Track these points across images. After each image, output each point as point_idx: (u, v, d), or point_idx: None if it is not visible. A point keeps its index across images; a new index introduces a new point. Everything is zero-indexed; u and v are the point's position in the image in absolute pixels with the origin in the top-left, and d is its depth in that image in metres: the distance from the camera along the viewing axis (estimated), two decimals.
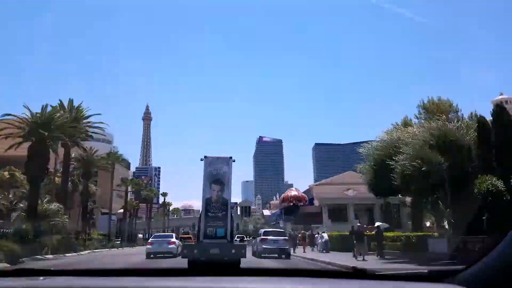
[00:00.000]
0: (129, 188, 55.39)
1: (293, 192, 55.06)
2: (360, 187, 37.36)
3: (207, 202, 12.87)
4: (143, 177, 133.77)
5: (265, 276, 1.07)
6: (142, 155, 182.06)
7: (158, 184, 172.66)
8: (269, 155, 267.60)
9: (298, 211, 50.03)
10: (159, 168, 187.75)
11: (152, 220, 76.61)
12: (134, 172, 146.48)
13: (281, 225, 47.51)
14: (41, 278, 1.08)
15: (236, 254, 11.70)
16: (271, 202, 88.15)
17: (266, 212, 79.15)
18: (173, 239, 20.60)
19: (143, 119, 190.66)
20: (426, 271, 0.96)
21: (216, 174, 13.10)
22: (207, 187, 13.04)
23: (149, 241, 22.00)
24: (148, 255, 18.86)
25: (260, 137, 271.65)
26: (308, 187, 57.23)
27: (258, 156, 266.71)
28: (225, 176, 13.07)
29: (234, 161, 13.63)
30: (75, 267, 7.97)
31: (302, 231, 31.29)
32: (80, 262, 18.47)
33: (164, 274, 1.11)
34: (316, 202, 48.01)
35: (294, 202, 51.80)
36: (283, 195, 57.89)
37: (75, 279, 1.12)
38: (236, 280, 1.01)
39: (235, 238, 16.89)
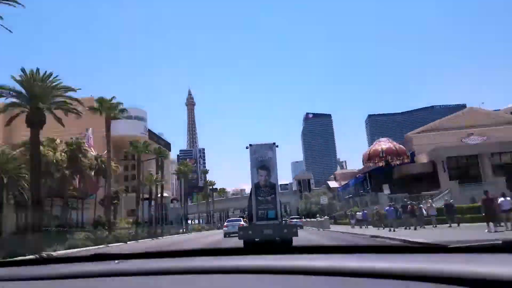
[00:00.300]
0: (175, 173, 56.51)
1: (384, 145, 36.47)
2: (491, 130, 32.14)
3: (256, 187, 13.64)
4: (188, 159, 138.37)
5: (317, 254, 1.08)
6: (189, 141, 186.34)
7: (204, 167, 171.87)
8: (318, 132, 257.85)
9: (393, 173, 35.47)
10: (203, 149, 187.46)
11: (193, 203, 74.29)
12: (178, 156, 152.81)
13: (367, 199, 35.30)
14: (116, 261, 1.15)
15: (288, 233, 12.52)
16: (336, 172, 72.78)
17: (333, 184, 62.75)
18: (242, 222, 25.86)
19: (186, 105, 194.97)
20: (500, 242, 0.93)
21: (262, 160, 13.76)
22: (254, 173, 13.78)
23: (225, 224, 29.73)
24: (225, 235, 26.05)
25: (307, 114, 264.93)
26: (403, 139, 40.59)
27: (307, 134, 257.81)
28: (270, 162, 13.72)
29: (277, 146, 14.29)
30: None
31: (409, 202, 23.97)
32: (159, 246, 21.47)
33: (222, 253, 1.16)
34: (422, 158, 34.20)
35: (387, 159, 35.15)
36: (367, 150, 39.07)
37: (145, 261, 1.21)
38: (289, 257, 1.02)
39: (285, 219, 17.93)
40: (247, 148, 14.45)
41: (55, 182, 32.86)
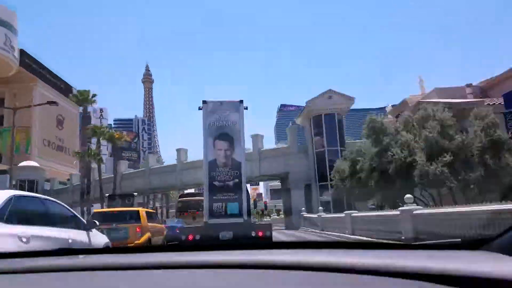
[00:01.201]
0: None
1: None
2: None
3: (211, 167, 10.21)
4: (124, 132, 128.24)
5: (300, 249, 1.08)
6: (146, 123, 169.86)
7: (149, 144, 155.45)
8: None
9: None
10: (150, 121, 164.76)
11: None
12: (110, 125, 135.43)
13: None
14: (81, 256, 1.20)
15: (258, 238, 9.36)
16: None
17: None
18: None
19: (143, 82, 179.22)
20: (459, 240, 1.02)
21: (222, 126, 10.37)
22: (209, 145, 10.35)
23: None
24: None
25: (281, 106, 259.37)
26: None
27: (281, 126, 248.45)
28: (234, 128, 10.35)
29: (246, 108, 10.82)
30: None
31: None
32: None
33: (191, 249, 1.13)
34: None
35: None
36: None
37: (108, 256, 1.20)
38: (271, 252, 1.01)
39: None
40: (200, 108, 10.78)
41: None
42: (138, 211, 11.79)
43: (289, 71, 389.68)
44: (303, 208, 28.93)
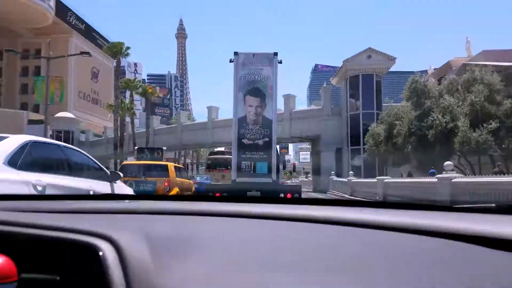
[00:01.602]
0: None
1: None
2: None
3: (240, 124, 9.85)
4: (158, 87, 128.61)
5: (333, 206, 1.08)
6: (178, 79, 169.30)
7: (182, 101, 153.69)
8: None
9: None
10: (183, 78, 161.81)
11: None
12: (143, 80, 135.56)
13: None
14: (127, 201, 1.24)
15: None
16: None
17: None
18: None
19: (177, 37, 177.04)
20: (493, 204, 1.04)
21: (253, 80, 9.82)
22: (240, 101, 9.92)
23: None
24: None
25: (316, 65, 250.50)
26: None
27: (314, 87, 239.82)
28: (267, 83, 9.78)
29: (280, 62, 10.03)
30: None
31: None
32: None
33: (229, 200, 1.17)
34: None
35: None
36: None
37: (153, 202, 1.26)
38: (302, 207, 0.99)
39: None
40: (231, 61, 10.13)
41: None
42: (166, 165, 11.79)
43: (325, 28, 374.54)
44: (333, 172, 28.50)
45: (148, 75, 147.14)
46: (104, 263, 0.60)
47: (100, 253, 0.61)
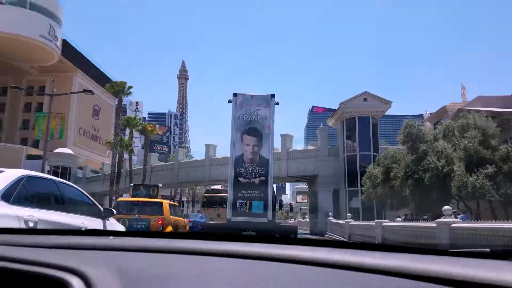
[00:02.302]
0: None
1: None
2: None
3: (237, 163, 10.10)
4: (157, 125, 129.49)
5: (327, 247, 1.07)
6: (178, 118, 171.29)
7: (180, 139, 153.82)
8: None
9: None
10: (183, 117, 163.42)
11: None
12: (144, 118, 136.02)
13: None
14: (111, 237, 1.22)
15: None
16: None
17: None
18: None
19: (178, 78, 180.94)
20: (488, 250, 1.03)
21: (251, 120, 10.22)
22: (237, 140, 10.27)
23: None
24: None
25: (313, 107, 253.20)
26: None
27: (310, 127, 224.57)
28: (264, 123, 10.19)
29: (277, 103, 10.48)
30: None
31: None
32: None
33: (214, 238, 1.17)
34: None
35: None
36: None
37: (138, 239, 1.22)
38: (296, 248, 1.00)
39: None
40: (229, 101, 10.72)
41: None
42: (161, 202, 11.60)
43: (322, 72, 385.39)
44: (331, 213, 28.14)
45: (148, 113, 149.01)
46: None
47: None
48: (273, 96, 10.45)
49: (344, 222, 22.87)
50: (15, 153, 50.63)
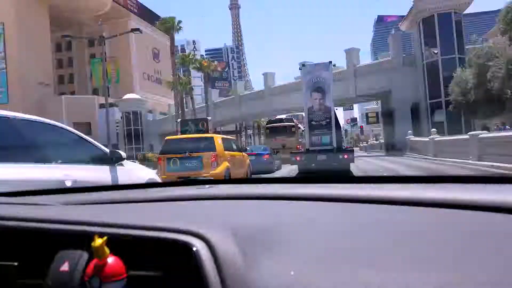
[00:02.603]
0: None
1: None
2: None
3: (309, 111, 13.62)
4: (216, 62, 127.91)
5: (384, 183, 1.04)
6: (235, 51, 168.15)
7: (239, 72, 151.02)
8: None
9: None
10: (238, 49, 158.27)
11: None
12: (202, 56, 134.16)
13: None
14: (207, 186, 1.22)
15: (344, 159, 12.43)
16: None
17: None
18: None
19: (230, 8, 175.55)
20: None
21: (316, 82, 13.54)
22: (308, 96, 13.63)
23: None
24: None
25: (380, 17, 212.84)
26: None
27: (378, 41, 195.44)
28: (325, 83, 13.50)
29: (334, 65, 14.40)
30: None
31: None
32: None
33: (290, 181, 1.19)
34: None
35: None
36: None
37: (230, 187, 1.27)
38: (350, 187, 1.01)
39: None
40: (300, 69, 14.52)
41: None
42: (212, 137, 10.18)
43: None
44: (410, 131, 25.07)
45: (206, 50, 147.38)
46: (199, 262, 0.62)
47: (195, 251, 0.64)
48: (330, 62, 13.82)
49: (427, 139, 19.97)
50: (89, 103, 52.99)
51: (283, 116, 25.58)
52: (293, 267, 0.57)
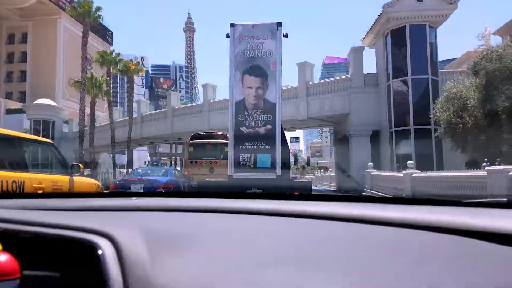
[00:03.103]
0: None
1: None
2: None
3: (237, 109, 8.61)
4: (161, 79, 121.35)
5: (344, 202, 1.04)
6: (184, 70, 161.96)
7: (187, 93, 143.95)
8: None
9: None
10: (188, 68, 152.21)
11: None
12: (149, 74, 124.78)
13: None
14: (134, 198, 1.22)
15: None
16: None
17: None
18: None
19: (185, 31, 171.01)
20: (505, 199, 1.01)
21: (253, 57, 8.53)
22: (237, 81, 8.62)
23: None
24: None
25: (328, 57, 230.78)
26: None
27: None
28: (269, 60, 8.47)
29: (286, 36, 8.70)
30: None
31: None
32: None
33: (231, 196, 1.15)
34: None
35: None
36: None
37: (159, 199, 1.24)
38: (310, 204, 0.96)
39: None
40: (227, 36, 8.85)
41: None
42: None
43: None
44: (371, 164, 20.07)
45: (152, 66, 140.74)
46: (103, 260, 0.62)
47: (99, 251, 0.64)
48: (279, 24, 8.56)
49: (401, 175, 14.81)
50: None
51: (214, 131, 19.36)
52: (197, 270, 0.60)
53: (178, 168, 26.60)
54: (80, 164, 6.00)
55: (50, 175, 6.10)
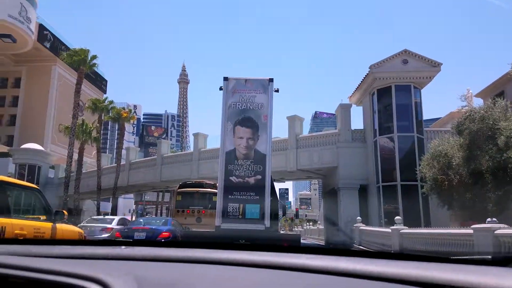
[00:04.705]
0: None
1: None
2: None
3: (228, 159, 8.76)
4: (153, 127, 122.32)
5: (332, 255, 1.06)
6: (175, 119, 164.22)
7: (178, 141, 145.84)
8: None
9: None
10: (180, 117, 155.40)
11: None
12: (141, 122, 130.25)
13: None
14: (123, 247, 1.23)
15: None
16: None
17: None
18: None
19: (179, 82, 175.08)
20: (490, 257, 1.04)
21: (245, 109, 8.98)
22: (228, 132, 8.91)
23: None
24: None
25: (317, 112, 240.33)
26: None
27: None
28: (260, 113, 8.88)
29: (277, 90, 9.26)
30: None
31: None
32: None
33: (219, 247, 1.16)
34: None
35: None
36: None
37: (150, 249, 1.23)
38: (301, 256, 0.98)
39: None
40: (221, 89, 9.29)
41: None
42: None
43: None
44: (359, 218, 19.98)
45: (144, 114, 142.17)
46: None
47: None
48: (271, 80, 9.05)
49: (389, 230, 14.72)
50: None
51: (202, 180, 19.26)
52: None
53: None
54: (64, 211, 6.14)
55: (32, 222, 5.96)
